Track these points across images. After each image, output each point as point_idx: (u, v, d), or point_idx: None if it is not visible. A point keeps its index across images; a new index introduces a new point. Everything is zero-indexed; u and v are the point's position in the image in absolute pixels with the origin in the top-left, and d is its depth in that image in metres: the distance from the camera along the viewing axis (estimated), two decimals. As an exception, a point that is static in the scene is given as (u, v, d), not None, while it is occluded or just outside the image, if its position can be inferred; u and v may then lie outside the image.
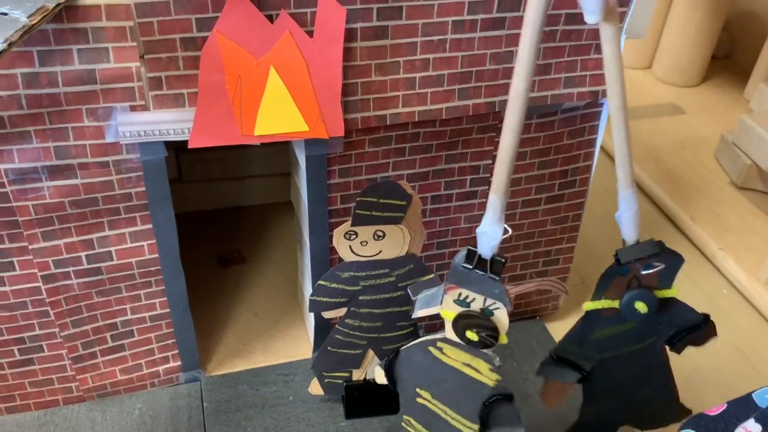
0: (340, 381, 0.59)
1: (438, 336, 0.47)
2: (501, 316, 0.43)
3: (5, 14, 0.40)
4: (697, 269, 0.82)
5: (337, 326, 0.56)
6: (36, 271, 0.52)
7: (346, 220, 0.58)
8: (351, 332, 0.56)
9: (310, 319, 0.67)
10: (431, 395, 0.48)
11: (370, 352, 0.58)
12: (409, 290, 0.51)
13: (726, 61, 1.25)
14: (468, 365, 0.46)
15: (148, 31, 0.45)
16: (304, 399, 0.62)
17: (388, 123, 0.53)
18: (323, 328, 0.64)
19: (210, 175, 0.82)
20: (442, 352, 0.46)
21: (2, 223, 0.49)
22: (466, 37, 0.52)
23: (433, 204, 0.60)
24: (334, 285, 0.54)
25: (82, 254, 0.52)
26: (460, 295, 0.43)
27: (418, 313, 0.47)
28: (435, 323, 0.55)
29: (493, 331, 0.43)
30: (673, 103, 1.13)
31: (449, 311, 0.44)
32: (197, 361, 0.62)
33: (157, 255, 0.54)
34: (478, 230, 0.43)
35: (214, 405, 0.61)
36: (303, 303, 0.71)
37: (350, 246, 0.52)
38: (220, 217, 0.84)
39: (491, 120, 0.56)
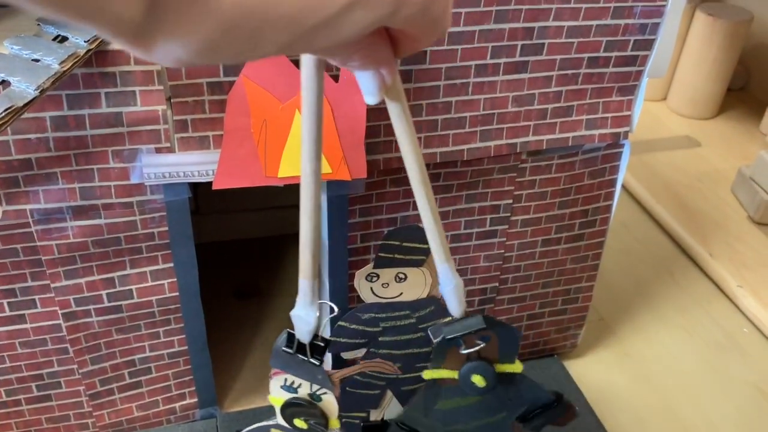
0: (357, 421, 0.59)
1: (271, 423, 0.45)
2: (329, 401, 0.42)
3: (37, 61, 0.40)
4: (716, 306, 0.81)
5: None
6: (57, 308, 0.52)
7: (365, 259, 0.58)
8: (370, 373, 0.56)
9: (327, 356, 0.67)
10: None
11: (389, 392, 0.57)
12: (429, 332, 0.51)
13: (741, 94, 1.25)
14: None
15: (175, 75, 0.45)
16: (321, 438, 0.61)
17: (409, 164, 0.53)
18: (340, 363, 0.64)
19: (227, 207, 0.82)
20: None
21: (26, 262, 0.49)
22: (489, 80, 0.52)
23: (453, 243, 0.60)
24: (354, 326, 0.53)
25: (103, 292, 0.52)
26: (286, 380, 0.42)
27: None
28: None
29: (322, 418, 0.42)
30: (689, 136, 1.13)
31: (277, 398, 0.43)
32: (214, 397, 0.62)
33: (177, 293, 0.54)
34: (291, 313, 0.41)
35: (230, 443, 0.61)
36: (319, 338, 0.70)
37: (371, 288, 0.52)
38: (237, 248, 0.84)
39: (512, 161, 0.56)
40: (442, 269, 0.41)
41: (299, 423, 0.42)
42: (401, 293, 0.52)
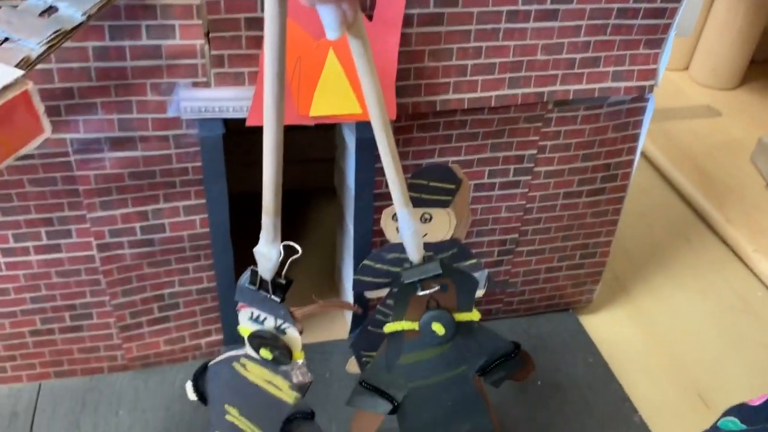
0: (377, 360, 0.60)
1: (241, 352, 0.46)
2: (292, 335, 0.43)
3: (83, -13, 0.41)
4: (730, 270, 0.82)
5: (378, 307, 0.57)
6: (92, 239, 0.54)
7: (390, 204, 0.59)
8: (391, 313, 0.57)
9: (347, 299, 0.69)
10: (239, 412, 0.47)
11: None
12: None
13: (765, 66, 1.24)
14: (270, 382, 0.45)
15: (214, 9, 0.46)
16: (341, 377, 0.63)
17: (437, 109, 0.54)
18: (360, 307, 0.65)
19: (249, 160, 0.84)
20: (246, 369, 0.46)
21: (64, 192, 0.51)
22: (519, 27, 0.52)
23: (476, 192, 0.61)
24: (378, 265, 0.55)
25: (137, 225, 0.54)
26: (252, 313, 0.43)
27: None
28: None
29: (285, 350, 0.43)
30: (709, 106, 1.13)
31: (245, 328, 0.44)
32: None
33: (208, 229, 0.56)
34: (255, 250, 0.42)
35: (253, 379, 0.63)
36: (340, 284, 0.72)
37: (397, 228, 0.53)
38: (259, 200, 0.86)
39: (539, 110, 0.57)
40: (402, 213, 0.42)
41: (265, 353, 0.44)
42: (426, 234, 0.53)
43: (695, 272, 0.82)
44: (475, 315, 0.45)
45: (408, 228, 0.42)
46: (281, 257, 0.43)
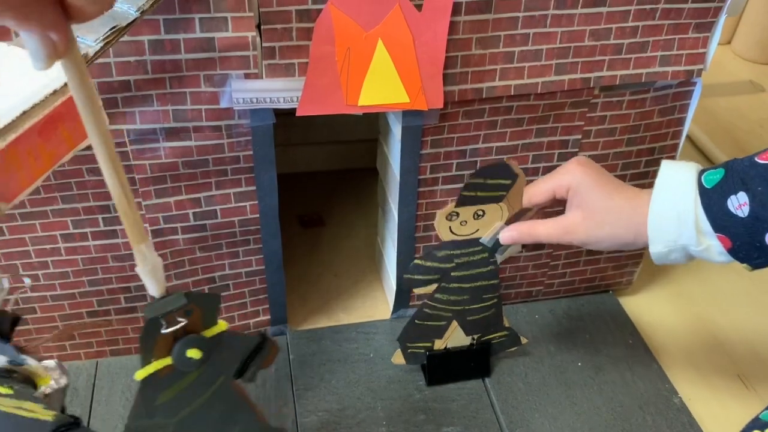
0: (422, 351, 0.62)
1: None
2: (33, 365, 0.42)
3: (141, -15, 0.42)
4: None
5: (426, 300, 0.58)
6: (147, 225, 0.56)
7: (433, 191, 0.60)
8: (439, 306, 0.58)
9: (389, 281, 0.70)
10: None
11: (454, 323, 0.60)
12: (496, 254, 0.54)
13: (810, 38, 1.21)
14: (23, 408, 0.43)
15: (266, 2, 0.47)
16: (384, 357, 0.65)
17: (484, 96, 0.54)
18: (403, 291, 0.67)
19: (290, 140, 0.85)
20: None
21: (120, 180, 0.53)
22: (567, 13, 0.52)
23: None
24: (429, 263, 0.55)
25: (190, 212, 0.56)
26: None
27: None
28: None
29: (25, 382, 0.42)
30: (752, 81, 1.11)
31: None
32: (285, 316, 0.66)
33: (257, 215, 0.57)
34: None
35: (300, 358, 0.65)
36: (381, 266, 0.73)
37: (450, 227, 0.53)
38: (299, 180, 0.87)
39: (585, 95, 0.57)
40: (138, 250, 0.40)
41: (3, 389, 0.41)
42: (477, 230, 0.54)
43: (736, 253, 0.81)
44: (222, 325, 0.44)
45: (146, 266, 0.40)
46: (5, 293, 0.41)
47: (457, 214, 0.52)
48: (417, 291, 0.58)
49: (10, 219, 0.53)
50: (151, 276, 0.40)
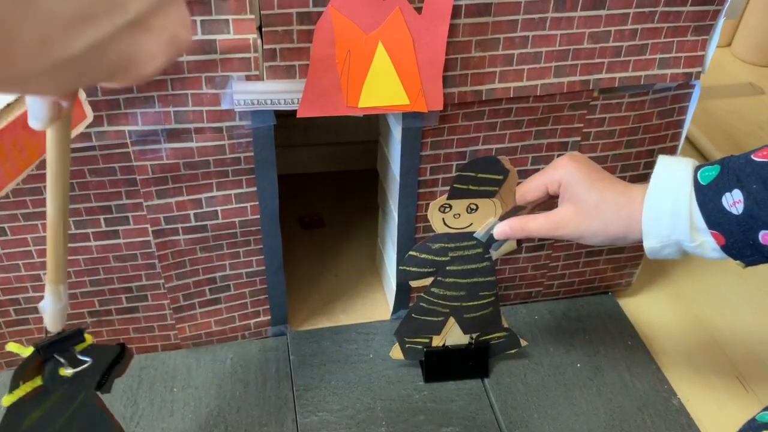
0: (420, 347, 0.62)
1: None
2: None
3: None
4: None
5: (422, 294, 0.59)
6: (148, 226, 0.56)
7: (433, 192, 0.60)
8: (435, 300, 0.59)
9: (389, 283, 0.70)
10: None
11: (451, 319, 0.60)
12: (491, 250, 0.55)
13: (810, 41, 1.21)
14: None
15: (267, 4, 0.47)
16: (384, 357, 0.65)
17: (483, 98, 0.55)
18: (403, 292, 0.67)
19: (291, 142, 0.85)
20: None
21: (122, 181, 0.53)
22: (566, 16, 0.52)
23: (519, 178, 0.61)
24: (424, 255, 0.56)
25: (191, 212, 0.56)
26: None
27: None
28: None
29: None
30: (752, 83, 1.11)
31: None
32: (286, 316, 0.66)
33: (258, 216, 0.57)
34: None
35: (300, 358, 0.65)
36: (381, 267, 0.74)
37: (443, 218, 0.54)
38: (300, 182, 0.87)
39: (584, 98, 0.57)
40: (54, 291, 0.40)
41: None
42: (471, 224, 0.55)
43: (735, 255, 0.81)
44: (88, 340, 0.45)
45: (58, 303, 0.41)
46: None
47: (450, 207, 0.53)
48: (413, 284, 0.58)
49: (13, 219, 0.53)
50: (58, 315, 0.42)
